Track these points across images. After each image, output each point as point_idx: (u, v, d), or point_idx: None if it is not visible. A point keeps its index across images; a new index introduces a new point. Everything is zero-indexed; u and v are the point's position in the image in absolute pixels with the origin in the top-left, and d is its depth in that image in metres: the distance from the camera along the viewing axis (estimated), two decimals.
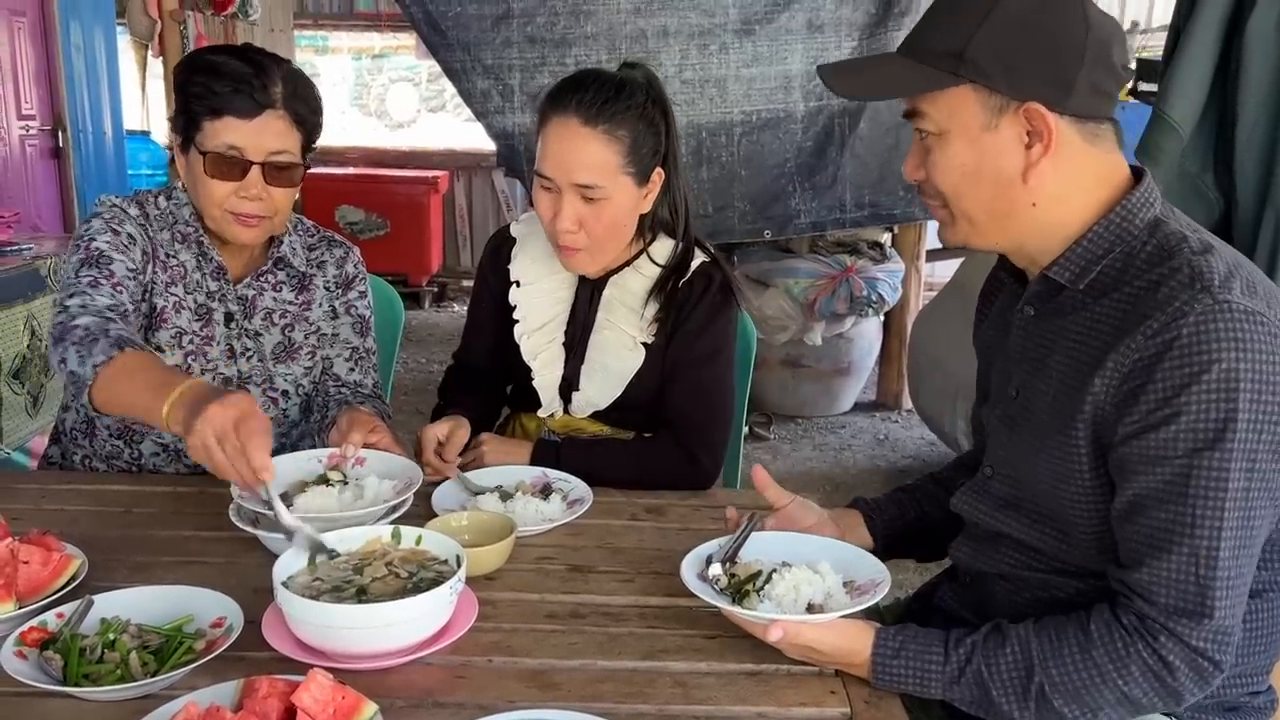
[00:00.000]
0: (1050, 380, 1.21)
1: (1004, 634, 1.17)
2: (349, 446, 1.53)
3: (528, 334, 1.82)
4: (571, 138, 1.62)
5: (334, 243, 1.91)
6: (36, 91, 5.43)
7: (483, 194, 8.00)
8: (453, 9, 3.76)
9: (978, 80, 1.14)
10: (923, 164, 1.23)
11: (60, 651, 1.12)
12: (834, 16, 3.96)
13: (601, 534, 1.54)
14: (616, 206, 1.67)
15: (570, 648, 1.23)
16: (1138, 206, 1.19)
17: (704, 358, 1.75)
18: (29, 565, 1.26)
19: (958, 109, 1.17)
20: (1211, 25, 2.25)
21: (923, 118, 1.20)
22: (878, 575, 1.26)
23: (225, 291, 1.77)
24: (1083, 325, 1.19)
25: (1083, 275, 1.19)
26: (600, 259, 1.75)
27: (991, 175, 1.18)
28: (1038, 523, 1.26)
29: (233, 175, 1.64)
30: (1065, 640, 1.14)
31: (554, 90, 1.67)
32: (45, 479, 1.65)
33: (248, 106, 1.62)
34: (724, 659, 1.21)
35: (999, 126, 1.16)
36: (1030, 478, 1.25)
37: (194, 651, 1.15)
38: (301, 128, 1.69)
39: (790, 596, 1.22)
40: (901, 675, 1.17)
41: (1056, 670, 1.13)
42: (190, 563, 1.43)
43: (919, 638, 1.19)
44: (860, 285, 4.59)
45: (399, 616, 1.13)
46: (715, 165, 4.05)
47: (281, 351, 1.81)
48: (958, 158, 1.18)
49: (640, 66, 1.73)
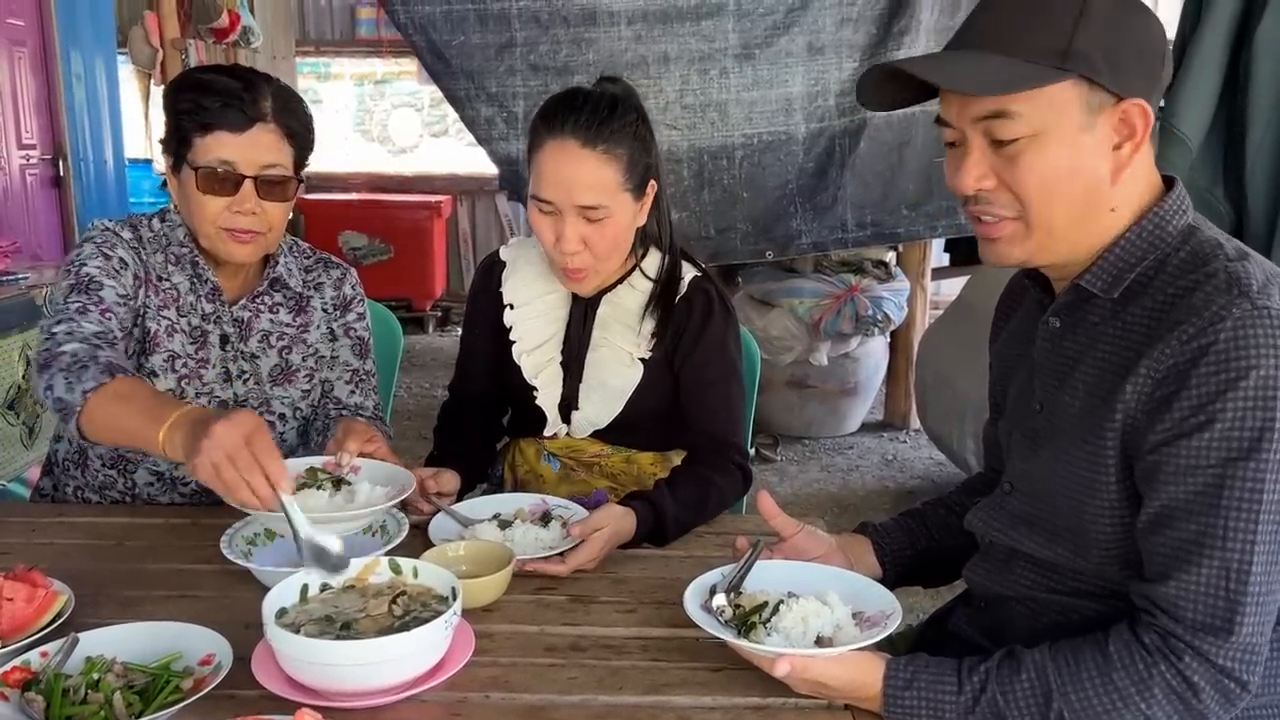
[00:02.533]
0: (1077, 392, 1.18)
1: (1019, 660, 1.12)
2: (344, 455, 1.51)
3: (526, 353, 1.80)
4: (571, 159, 1.60)
5: (331, 264, 1.89)
6: (37, 120, 5.45)
7: (486, 218, 8.02)
8: (456, 38, 3.79)
9: (1087, 74, 1.08)
10: (990, 173, 1.14)
11: (43, 693, 1.09)
12: (834, 39, 3.97)
13: (603, 562, 1.49)
14: (618, 224, 1.66)
15: (570, 682, 1.19)
16: (1171, 213, 1.16)
17: (726, 374, 1.75)
18: (13, 602, 1.23)
19: (1061, 107, 1.10)
20: (1218, 36, 2.22)
21: (1011, 120, 1.10)
22: (888, 607, 1.22)
23: (220, 313, 1.75)
24: (1112, 334, 1.15)
25: (1116, 283, 1.16)
26: (603, 277, 1.74)
27: (1085, 178, 1.12)
28: (1055, 539, 1.22)
29: (225, 190, 1.62)
30: (1083, 663, 1.09)
31: (545, 112, 1.65)
32: (36, 512, 1.62)
33: (238, 120, 1.61)
34: (730, 693, 1.17)
35: (1095, 126, 1.10)
36: (1051, 492, 1.20)
37: (181, 691, 1.11)
38: (293, 141, 1.67)
39: (799, 629, 1.18)
40: (914, 707, 1.13)
41: (1075, 695, 1.08)
42: (181, 597, 1.40)
43: (931, 667, 1.15)
44: (865, 304, 4.56)
45: (393, 652, 1.09)
46: (717, 188, 4.06)
47: (279, 374, 1.79)
48: (1054, 159, 1.11)
49: (619, 81, 1.72)
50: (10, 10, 5.21)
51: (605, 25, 3.86)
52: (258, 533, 1.50)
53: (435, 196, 7.56)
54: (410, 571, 1.26)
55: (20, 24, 5.28)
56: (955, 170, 1.17)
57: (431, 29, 3.77)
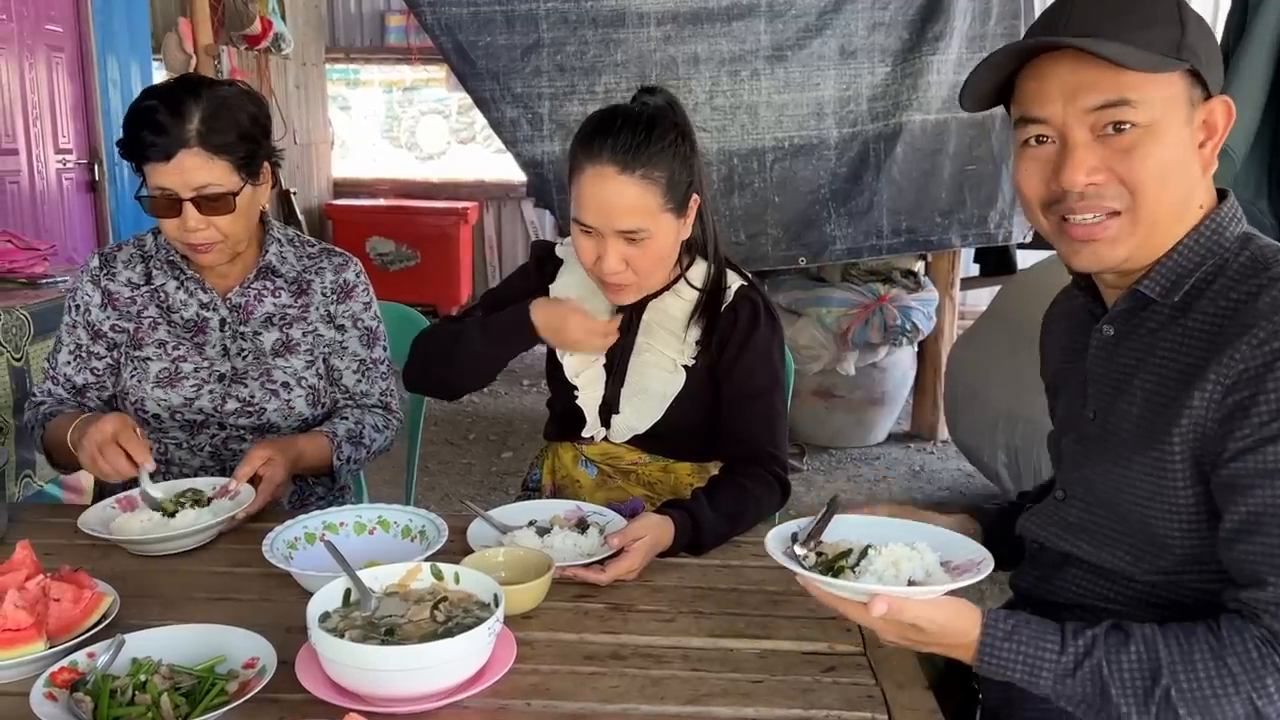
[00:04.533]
0: (1135, 399, 1.17)
1: (1127, 632, 1.09)
2: (232, 480, 1.65)
3: (570, 352, 1.80)
4: (609, 185, 1.60)
5: (333, 253, 1.98)
6: (73, 125, 5.51)
7: (512, 224, 8.04)
8: (483, 39, 3.79)
9: (1196, 68, 1.11)
10: (1102, 165, 1.13)
11: (91, 694, 1.10)
12: (867, 43, 3.94)
13: (640, 571, 1.49)
14: (660, 243, 1.65)
15: (612, 691, 1.19)
16: (1227, 219, 1.16)
17: (770, 385, 1.74)
18: (60, 603, 1.24)
19: (1174, 98, 1.11)
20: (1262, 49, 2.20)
21: (1132, 107, 1.10)
22: (977, 555, 1.17)
23: (215, 302, 1.89)
24: (1171, 340, 1.15)
25: (1174, 289, 1.15)
26: (647, 289, 1.74)
27: (1187, 172, 1.14)
28: (1113, 546, 1.21)
29: (172, 212, 1.74)
30: (1196, 645, 1.06)
31: (584, 136, 1.64)
32: (77, 514, 1.63)
33: (163, 149, 1.70)
34: (771, 704, 1.17)
35: (1193, 121, 1.13)
36: (1113, 500, 1.19)
37: (226, 694, 1.11)
38: (225, 156, 1.73)
39: (890, 572, 1.13)
40: (1010, 661, 1.10)
41: (1186, 676, 1.05)
42: (223, 599, 1.41)
43: (1033, 624, 1.11)
44: (894, 314, 4.53)
45: (437, 658, 1.09)
46: (748, 192, 4.03)
47: (280, 346, 1.90)
48: (1167, 151, 1.12)
49: (660, 91, 1.70)
50: (48, 17, 5.28)
51: (634, 26, 3.84)
52: (298, 536, 1.51)
53: (462, 203, 7.59)
54: (452, 577, 1.26)
55: (58, 30, 5.35)
56: (1059, 167, 1.14)
57: (458, 30, 3.77)
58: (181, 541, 1.54)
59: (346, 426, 1.88)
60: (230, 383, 1.85)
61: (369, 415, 1.94)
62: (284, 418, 1.87)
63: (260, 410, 1.86)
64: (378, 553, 1.47)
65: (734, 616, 1.37)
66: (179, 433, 1.87)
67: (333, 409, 1.95)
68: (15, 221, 4.92)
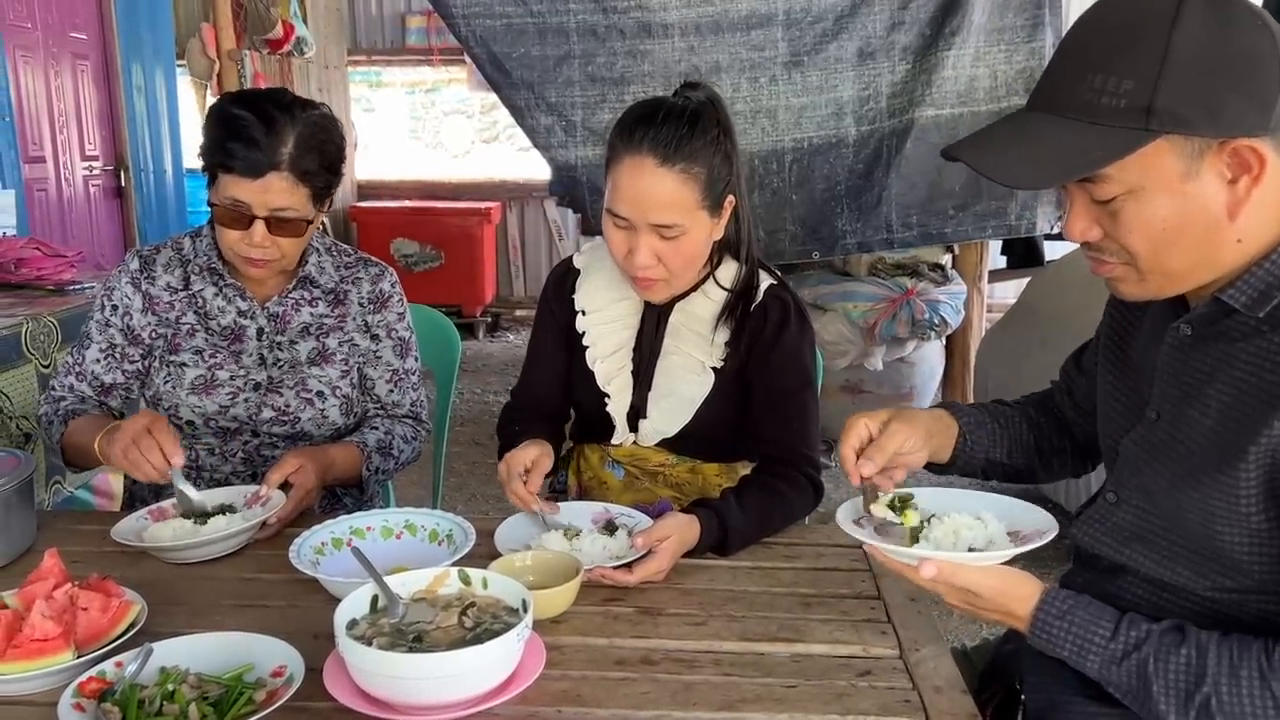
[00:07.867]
0: (1208, 410, 1.11)
1: (1184, 633, 1.08)
2: (264, 486, 1.64)
3: (600, 360, 1.78)
4: (647, 177, 1.57)
5: (370, 263, 1.98)
6: (99, 132, 5.56)
7: (535, 224, 8.04)
8: (517, 50, 3.88)
9: (1176, 131, 1.00)
10: (1096, 223, 1.09)
11: (119, 703, 1.09)
12: (885, 42, 3.95)
13: (669, 573, 1.47)
14: (693, 240, 1.63)
15: (643, 697, 1.17)
16: None
17: (801, 384, 1.71)
18: (88, 612, 1.24)
19: (1153, 165, 1.02)
20: None
21: (1105, 182, 1.04)
22: (1044, 524, 1.21)
23: (254, 310, 1.88)
24: (1254, 355, 1.08)
25: (1262, 301, 1.08)
26: (676, 288, 1.72)
27: (1198, 223, 1.04)
28: (1173, 559, 1.17)
29: (239, 225, 1.74)
30: (1246, 661, 1.04)
31: (625, 124, 1.60)
32: (106, 520, 1.64)
33: (253, 167, 1.68)
34: (806, 709, 1.14)
35: (1200, 172, 1.02)
36: (1178, 514, 1.15)
37: (254, 703, 1.10)
38: (308, 182, 1.73)
39: (949, 540, 1.18)
40: (1061, 638, 1.11)
41: (1228, 690, 1.04)
42: (250, 606, 1.40)
43: (1090, 606, 1.13)
44: (921, 308, 4.49)
45: (466, 665, 1.08)
46: (767, 190, 4.08)
47: (315, 355, 1.89)
48: (1158, 213, 1.04)
49: (702, 86, 1.67)
50: (73, 24, 5.33)
51: (659, 37, 3.94)
52: (325, 541, 1.50)
53: (484, 203, 7.59)
54: (480, 582, 1.25)
55: (83, 38, 5.40)
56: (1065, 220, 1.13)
57: (493, 41, 3.87)
58: (213, 547, 1.53)
59: (377, 437, 1.87)
60: (266, 391, 1.85)
61: (399, 426, 1.93)
62: (318, 426, 1.87)
63: (295, 419, 1.85)
64: (405, 557, 1.46)
65: (766, 619, 1.35)
66: (212, 439, 1.86)
67: (363, 418, 1.95)
68: (43, 229, 4.97)
